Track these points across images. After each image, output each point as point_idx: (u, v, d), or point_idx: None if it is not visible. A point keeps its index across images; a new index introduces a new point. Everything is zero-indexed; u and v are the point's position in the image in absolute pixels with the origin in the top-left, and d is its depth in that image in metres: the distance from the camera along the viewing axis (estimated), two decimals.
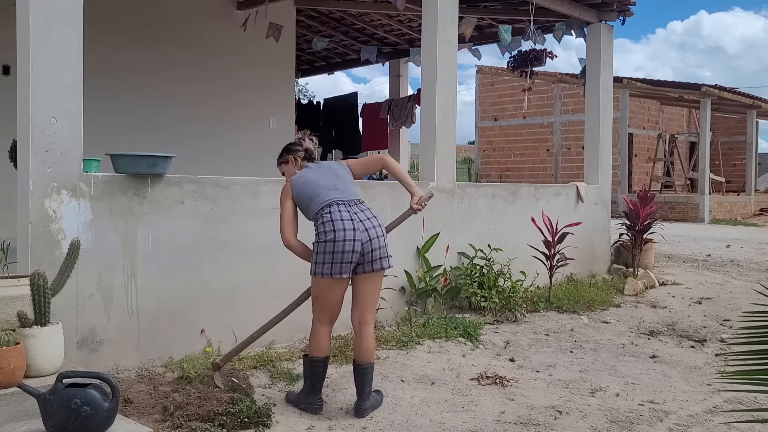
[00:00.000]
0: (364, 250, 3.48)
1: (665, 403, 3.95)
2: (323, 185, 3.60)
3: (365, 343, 3.62)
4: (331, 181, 3.62)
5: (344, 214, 3.49)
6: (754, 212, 19.33)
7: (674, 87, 16.98)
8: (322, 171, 3.69)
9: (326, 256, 3.46)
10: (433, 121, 5.97)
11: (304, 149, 3.83)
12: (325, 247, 3.46)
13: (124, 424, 2.94)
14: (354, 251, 3.45)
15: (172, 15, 8.16)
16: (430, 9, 6.03)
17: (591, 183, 8.03)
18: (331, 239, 3.44)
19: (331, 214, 3.49)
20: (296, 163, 3.80)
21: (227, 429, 3.24)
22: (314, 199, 3.56)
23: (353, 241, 3.44)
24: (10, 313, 3.21)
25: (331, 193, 3.57)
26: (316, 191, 3.58)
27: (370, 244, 3.49)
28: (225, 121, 8.55)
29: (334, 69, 12.53)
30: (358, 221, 3.50)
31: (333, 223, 3.46)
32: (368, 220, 3.54)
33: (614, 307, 6.50)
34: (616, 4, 7.75)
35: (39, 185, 3.65)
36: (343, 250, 3.44)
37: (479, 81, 21.99)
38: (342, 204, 3.54)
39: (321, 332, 3.64)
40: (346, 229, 3.45)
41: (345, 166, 3.79)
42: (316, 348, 3.63)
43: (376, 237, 3.52)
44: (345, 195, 3.59)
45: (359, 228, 3.48)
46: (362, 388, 3.60)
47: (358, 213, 3.54)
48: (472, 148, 25.17)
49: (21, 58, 3.70)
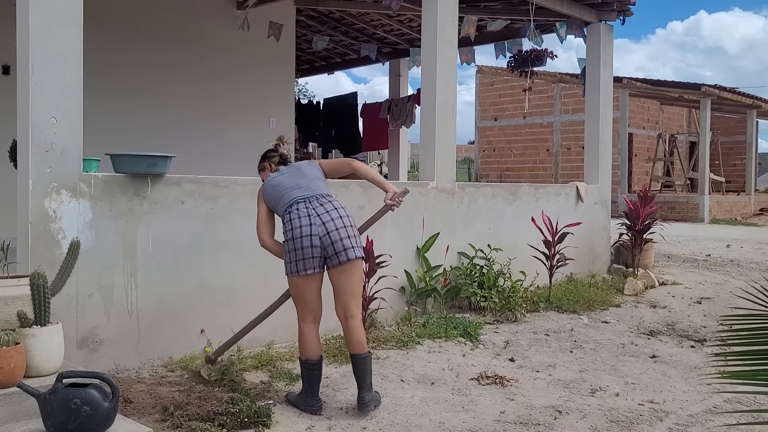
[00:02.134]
0: (323, 243, 3.52)
1: (665, 403, 3.95)
2: (288, 186, 3.69)
3: (354, 335, 3.63)
4: (294, 180, 3.71)
5: (302, 211, 3.56)
6: (754, 212, 19.33)
7: (674, 87, 16.98)
8: (290, 173, 3.78)
9: (291, 255, 3.55)
10: (433, 121, 5.97)
11: (279, 155, 3.94)
12: (287, 246, 3.56)
13: (124, 424, 2.94)
14: (313, 246, 3.51)
15: (172, 15, 8.16)
16: (430, 9, 6.03)
17: (591, 183, 8.03)
18: (290, 237, 3.53)
19: (290, 213, 3.58)
20: (271, 169, 3.90)
21: (227, 429, 3.24)
22: (280, 201, 3.66)
23: (310, 236, 3.50)
24: (10, 313, 3.21)
25: (293, 193, 3.65)
26: (281, 193, 3.67)
27: (329, 237, 3.52)
28: (225, 120, 8.55)
29: (334, 69, 12.53)
30: (315, 216, 3.55)
31: (291, 222, 3.55)
32: (327, 213, 3.57)
33: (614, 307, 6.50)
34: (616, 4, 7.75)
35: (39, 185, 3.65)
36: (302, 246, 3.50)
37: (479, 81, 21.99)
38: (302, 201, 3.60)
39: (306, 332, 3.66)
40: (303, 225, 3.52)
41: (316, 165, 3.88)
42: (306, 350, 3.65)
43: (335, 229, 3.53)
44: (307, 192, 3.65)
45: (315, 222, 3.53)
46: (363, 379, 3.59)
47: (317, 207, 3.58)
48: (472, 148, 25.17)
49: (21, 58, 3.71)
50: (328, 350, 4.57)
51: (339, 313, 3.67)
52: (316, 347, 3.67)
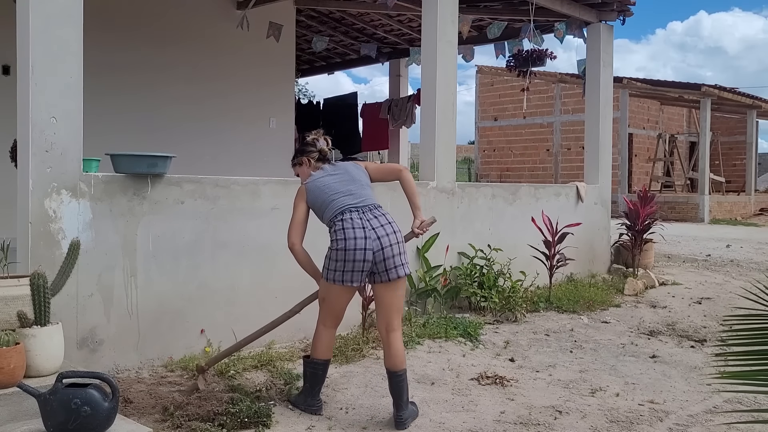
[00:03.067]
0: (376, 258, 3.41)
1: (665, 403, 3.95)
2: (338, 190, 3.53)
3: (394, 349, 3.53)
4: (346, 186, 3.55)
5: (356, 222, 3.42)
6: (754, 212, 19.33)
7: (674, 87, 16.98)
8: (338, 175, 3.61)
9: (338, 264, 3.43)
10: (433, 121, 5.97)
11: (318, 150, 3.73)
12: (336, 255, 3.43)
13: (124, 424, 2.94)
14: (365, 260, 3.39)
15: (172, 15, 8.16)
16: (430, 9, 6.03)
17: (591, 183, 8.03)
18: (342, 248, 3.39)
19: (343, 222, 3.43)
20: (310, 165, 3.70)
21: (227, 429, 3.24)
22: (328, 205, 3.51)
23: (364, 250, 3.38)
24: (10, 313, 3.21)
25: (345, 200, 3.50)
26: (330, 197, 3.52)
27: (382, 252, 3.41)
28: (225, 120, 8.55)
29: (334, 69, 12.53)
30: (370, 229, 3.42)
31: (344, 232, 3.40)
32: (382, 227, 3.45)
33: (614, 307, 6.50)
34: (616, 4, 7.75)
35: (39, 185, 3.65)
36: (354, 259, 3.38)
37: (479, 81, 21.99)
38: (355, 210, 3.46)
39: (324, 335, 3.62)
40: (357, 237, 3.38)
41: (363, 169, 3.71)
42: (317, 350, 3.62)
43: (389, 245, 3.43)
44: (359, 200, 3.51)
45: (371, 236, 3.40)
46: (399, 397, 3.50)
47: (371, 220, 3.45)
48: (472, 148, 25.16)
49: (21, 58, 3.70)
50: None
51: (381, 326, 3.59)
52: (328, 349, 3.64)
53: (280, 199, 4.74)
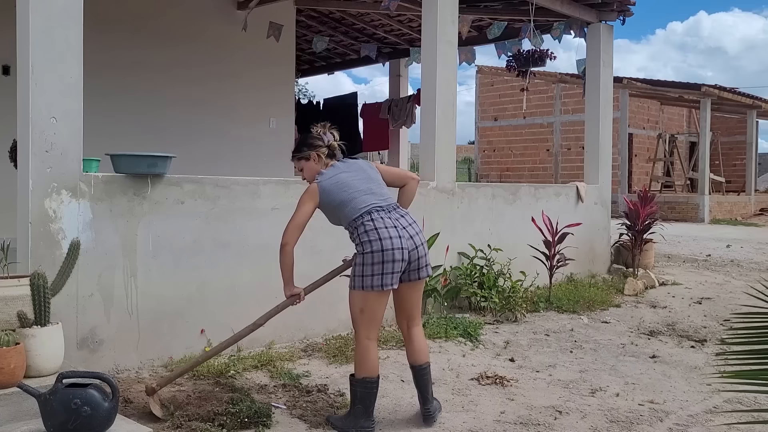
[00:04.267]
0: (411, 258, 3.32)
1: (665, 403, 3.95)
2: (358, 188, 3.37)
3: (418, 343, 3.51)
4: (365, 184, 3.41)
5: (387, 221, 3.29)
6: (754, 212, 19.33)
7: (674, 87, 16.98)
8: (355, 172, 3.45)
9: (375, 268, 3.25)
10: (433, 121, 5.97)
11: (327, 145, 3.55)
12: (373, 258, 3.25)
13: (124, 424, 2.94)
14: (403, 260, 3.28)
15: (172, 15, 8.16)
16: (430, 9, 6.03)
17: (591, 183, 8.03)
18: (379, 249, 3.23)
19: (373, 221, 3.28)
20: (319, 161, 3.50)
21: (227, 429, 3.24)
22: (349, 204, 3.34)
23: (401, 249, 3.26)
24: (10, 313, 3.21)
25: (368, 198, 3.35)
26: (351, 195, 3.35)
27: (416, 251, 3.34)
28: (225, 120, 8.55)
29: (334, 69, 12.53)
30: (401, 228, 3.31)
31: (377, 231, 3.25)
32: (410, 226, 3.37)
33: (614, 307, 6.50)
34: (616, 4, 7.75)
35: (39, 185, 3.65)
36: (393, 259, 3.24)
37: (479, 81, 21.99)
38: (381, 210, 3.33)
39: (372, 349, 3.38)
40: (392, 237, 3.25)
41: (375, 168, 3.58)
42: (369, 367, 3.36)
43: (421, 244, 3.37)
44: (382, 200, 3.39)
45: (404, 235, 3.29)
46: (427, 390, 3.48)
47: (399, 219, 3.35)
48: (472, 148, 25.16)
49: (21, 58, 3.70)
50: (328, 350, 4.57)
51: (402, 323, 3.56)
52: (378, 364, 3.44)
53: (280, 199, 4.74)
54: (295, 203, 4.79)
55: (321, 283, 3.72)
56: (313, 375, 4.15)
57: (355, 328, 3.43)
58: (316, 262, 4.93)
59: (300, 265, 4.92)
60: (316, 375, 4.16)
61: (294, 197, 4.81)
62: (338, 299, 5.03)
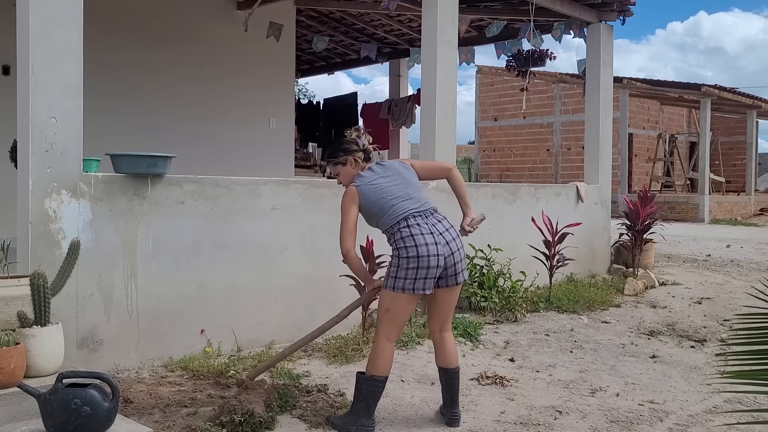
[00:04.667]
0: (447, 264, 3.32)
1: (665, 403, 3.95)
2: (396, 194, 3.38)
3: (449, 347, 3.53)
4: (403, 189, 3.41)
5: (423, 228, 3.31)
6: (754, 212, 19.34)
7: (674, 87, 16.98)
8: (392, 177, 3.45)
9: (409, 272, 3.26)
10: (433, 121, 5.97)
11: (363, 149, 3.53)
12: (408, 263, 3.26)
13: (124, 424, 2.94)
14: (438, 266, 3.28)
15: (172, 15, 8.17)
16: (430, 9, 6.03)
17: (591, 183, 8.03)
18: (414, 255, 3.25)
19: (410, 228, 3.29)
20: (356, 165, 3.50)
21: (227, 429, 3.24)
22: (388, 211, 3.35)
23: (437, 256, 3.27)
24: (10, 313, 3.22)
25: (406, 204, 3.36)
26: (389, 201, 3.36)
27: (452, 257, 3.33)
28: (225, 121, 8.55)
29: (334, 69, 12.54)
30: (438, 234, 3.32)
31: (413, 238, 3.27)
32: (447, 231, 3.37)
33: (614, 307, 6.50)
34: (616, 4, 7.75)
35: (39, 185, 3.65)
36: (428, 266, 3.26)
37: (479, 81, 21.99)
38: (419, 216, 3.35)
39: (388, 350, 3.39)
40: (428, 243, 3.26)
41: (411, 168, 3.56)
42: (380, 367, 3.37)
43: (457, 250, 3.36)
44: (420, 204, 3.39)
45: (440, 242, 3.30)
46: (455, 393, 3.51)
47: (436, 224, 3.36)
48: (472, 148, 25.17)
49: (21, 58, 3.71)
50: (328, 350, 4.57)
51: (434, 327, 3.55)
52: (390, 366, 3.43)
53: (280, 199, 4.75)
54: (295, 203, 4.84)
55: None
56: (313, 375, 4.15)
57: (377, 326, 3.46)
58: (317, 262, 4.95)
59: (300, 265, 4.95)
60: (316, 375, 4.16)
61: (294, 197, 4.84)
62: (338, 299, 5.03)
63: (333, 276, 4.79)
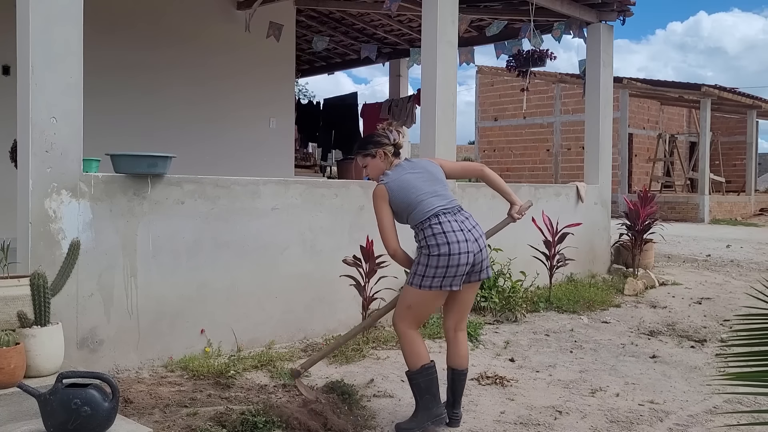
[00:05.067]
0: (475, 260, 3.31)
1: (665, 403, 3.95)
2: (425, 190, 3.37)
3: (462, 349, 3.52)
4: (431, 186, 3.40)
5: (453, 225, 3.29)
6: (754, 212, 19.33)
7: (674, 87, 16.98)
8: (420, 173, 3.44)
9: (438, 270, 3.25)
10: (433, 121, 5.97)
11: (393, 143, 3.51)
12: (438, 261, 3.24)
13: (124, 424, 2.94)
14: (468, 263, 3.27)
15: (172, 15, 8.16)
16: (430, 9, 6.02)
17: (591, 183, 8.03)
18: (446, 252, 3.23)
19: (441, 225, 3.28)
20: (385, 159, 3.48)
21: (228, 429, 3.24)
22: (416, 207, 3.34)
23: (467, 253, 3.26)
24: (10, 313, 3.21)
25: (434, 201, 3.35)
26: (418, 197, 3.35)
27: (481, 254, 3.34)
28: (225, 121, 8.55)
29: (334, 69, 12.53)
30: (467, 231, 3.31)
31: (445, 235, 3.25)
32: (475, 228, 3.37)
33: (614, 307, 6.50)
34: (615, 4, 7.75)
35: (39, 185, 3.65)
36: (458, 263, 3.24)
37: (479, 81, 21.99)
38: (448, 212, 3.34)
39: (418, 338, 3.39)
40: (459, 241, 3.25)
41: (439, 167, 3.55)
42: (422, 355, 3.37)
43: (484, 247, 3.37)
44: (447, 202, 3.39)
45: (470, 239, 3.30)
46: (459, 394, 3.50)
47: (464, 222, 3.35)
48: (472, 148, 25.16)
49: (21, 58, 3.70)
50: None
51: (449, 325, 3.52)
52: (426, 350, 3.43)
53: (280, 199, 4.75)
54: (295, 203, 4.84)
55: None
56: (314, 375, 4.15)
57: (395, 322, 3.42)
58: (317, 262, 4.95)
59: (300, 265, 4.95)
60: (316, 375, 4.16)
61: (294, 197, 4.84)
62: (338, 299, 5.04)
63: (333, 276, 4.79)
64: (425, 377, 3.35)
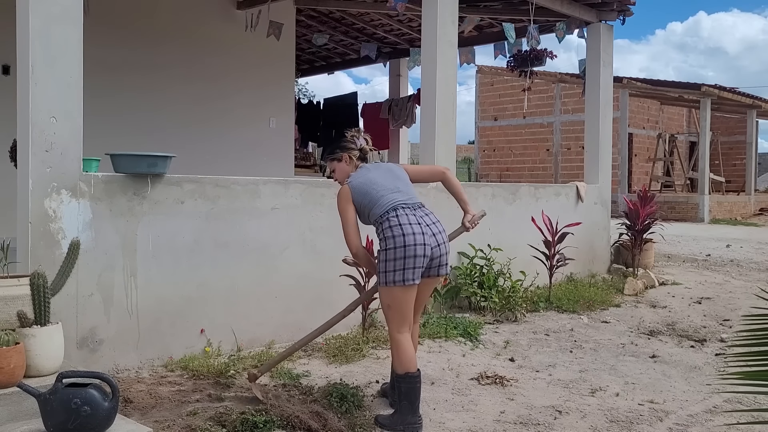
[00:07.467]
0: (433, 254, 3.37)
1: (665, 403, 3.95)
2: (386, 186, 3.46)
3: (414, 337, 3.62)
4: (392, 182, 3.49)
5: (411, 218, 3.36)
6: (753, 212, 19.33)
7: (674, 87, 16.97)
8: (382, 172, 3.55)
9: (397, 263, 3.31)
10: (433, 121, 5.97)
11: (359, 149, 3.65)
12: (395, 254, 3.31)
13: (124, 424, 2.94)
14: (425, 256, 3.33)
15: (172, 15, 8.16)
16: (430, 9, 6.02)
17: (591, 183, 8.03)
18: (401, 244, 3.29)
19: (398, 218, 3.35)
20: (350, 162, 3.62)
21: (228, 429, 3.24)
22: (377, 202, 3.42)
23: (423, 245, 3.31)
24: (10, 313, 3.21)
25: (394, 196, 3.43)
26: (378, 193, 3.43)
27: (438, 249, 3.39)
28: (225, 120, 8.55)
29: (334, 69, 12.53)
30: (425, 225, 3.37)
31: (401, 227, 3.32)
32: (434, 224, 3.43)
33: (614, 306, 6.50)
34: (616, 3, 7.75)
35: (39, 185, 3.65)
36: (415, 254, 3.30)
37: (479, 81, 21.99)
38: (407, 207, 3.41)
39: (405, 343, 3.43)
40: (416, 233, 3.31)
41: (402, 169, 3.66)
42: (407, 363, 3.41)
43: (443, 242, 3.43)
44: (408, 198, 3.46)
45: (427, 233, 3.35)
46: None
47: (423, 217, 3.41)
48: (472, 148, 25.16)
49: (21, 58, 3.70)
50: (328, 350, 4.57)
51: None
52: (415, 358, 3.47)
53: (280, 199, 4.75)
54: (295, 203, 4.84)
55: None
56: (313, 375, 4.15)
57: (387, 325, 3.52)
58: (316, 262, 4.95)
59: (300, 265, 4.95)
60: (316, 375, 4.16)
61: (294, 197, 4.84)
62: (338, 299, 5.03)
63: (333, 276, 4.79)
64: (406, 384, 3.41)
